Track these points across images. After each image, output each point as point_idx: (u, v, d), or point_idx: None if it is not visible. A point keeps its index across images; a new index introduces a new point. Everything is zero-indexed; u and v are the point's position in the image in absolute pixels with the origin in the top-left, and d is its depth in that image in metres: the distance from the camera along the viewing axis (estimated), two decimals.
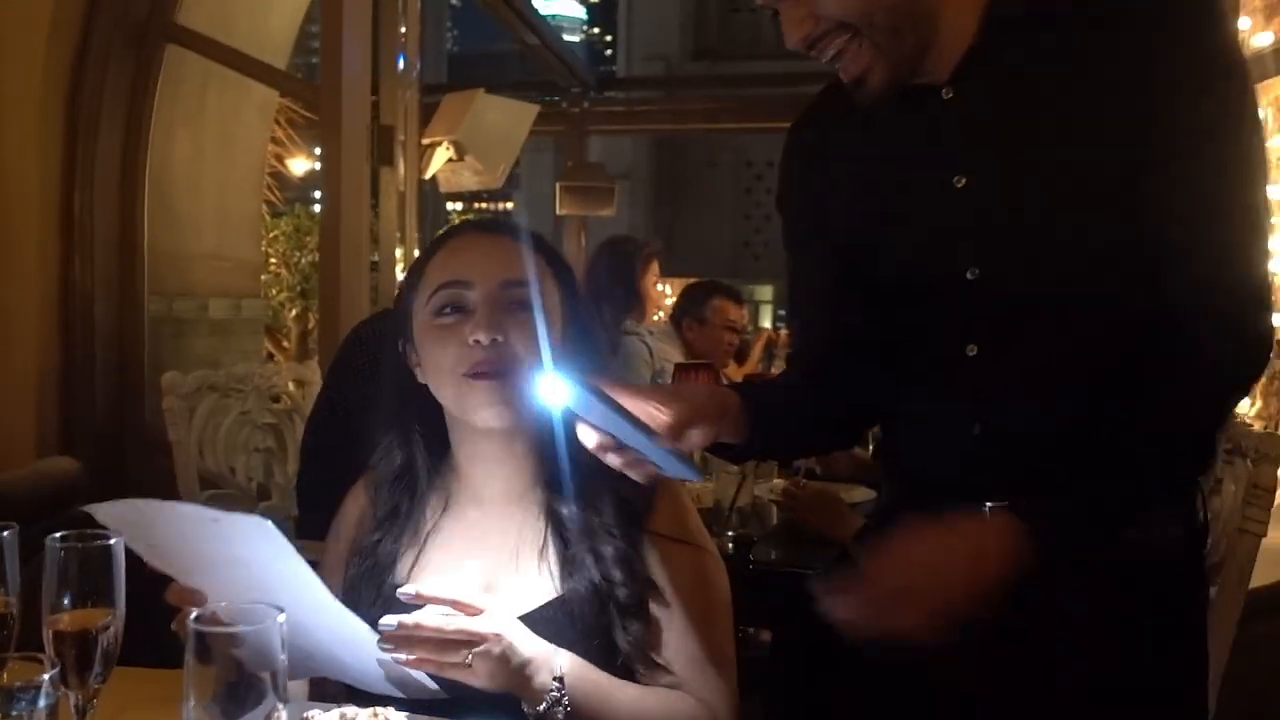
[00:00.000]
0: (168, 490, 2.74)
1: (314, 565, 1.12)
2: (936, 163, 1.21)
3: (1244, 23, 3.13)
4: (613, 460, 1.10)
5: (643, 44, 26.65)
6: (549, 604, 1.25)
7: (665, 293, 4.00)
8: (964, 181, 1.19)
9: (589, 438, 1.08)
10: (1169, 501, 1.22)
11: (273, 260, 6.47)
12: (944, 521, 1.08)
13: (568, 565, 1.24)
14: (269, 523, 1.05)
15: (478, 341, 1.23)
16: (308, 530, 2.14)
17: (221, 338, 4.17)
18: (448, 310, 1.27)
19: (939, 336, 1.25)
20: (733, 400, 1.20)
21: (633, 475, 1.10)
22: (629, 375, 3.46)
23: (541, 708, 1.13)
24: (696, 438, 1.12)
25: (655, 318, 4.04)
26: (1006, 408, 1.21)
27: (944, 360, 1.24)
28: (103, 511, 1.08)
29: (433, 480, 1.35)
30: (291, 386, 3.27)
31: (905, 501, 1.34)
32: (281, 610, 0.85)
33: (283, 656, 0.85)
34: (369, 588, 1.32)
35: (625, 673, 1.23)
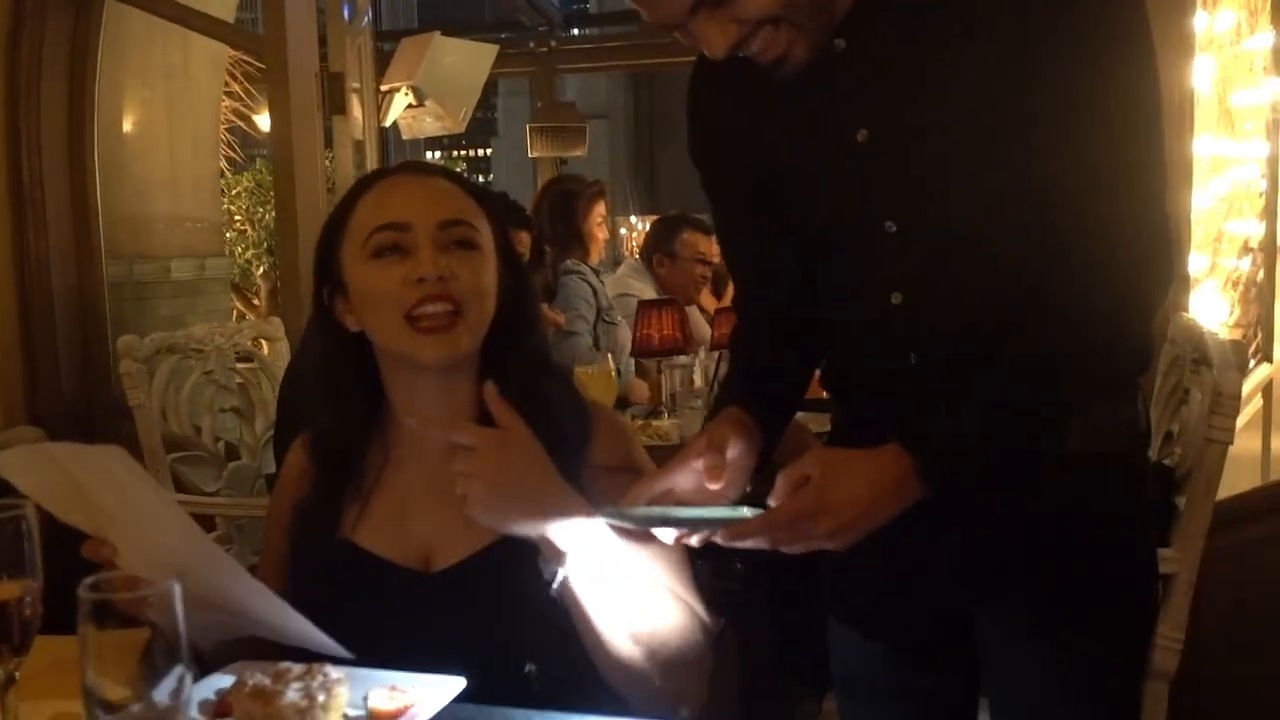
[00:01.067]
0: (134, 456, 2.71)
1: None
2: (838, 117, 1.22)
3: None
4: (695, 541, 1.16)
5: None
6: (493, 545, 1.23)
7: (608, 234, 4.04)
8: (865, 135, 1.20)
9: (667, 536, 1.16)
10: (1096, 409, 1.23)
11: (237, 217, 6.40)
12: (841, 460, 1.15)
13: None
14: (122, 450, 1.04)
15: (422, 279, 1.22)
16: None
17: (187, 298, 4.13)
18: (387, 251, 1.24)
19: (866, 286, 1.27)
20: (739, 414, 1.29)
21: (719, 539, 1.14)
22: (570, 313, 3.46)
23: (563, 566, 1.14)
24: (743, 460, 1.24)
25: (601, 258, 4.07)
26: (935, 343, 1.24)
27: (872, 307, 1.26)
28: (4, 464, 1.06)
29: (371, 433, 1.33)
30: (262, 345, 3.24)
31: (852, 426, 1.39)
32: (179, 569, 0.82)
33: (183, 620, 0.82)
34: (314, 545, 1.30)
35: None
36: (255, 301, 6.43)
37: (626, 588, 1.17)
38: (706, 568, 2.83)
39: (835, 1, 1.18)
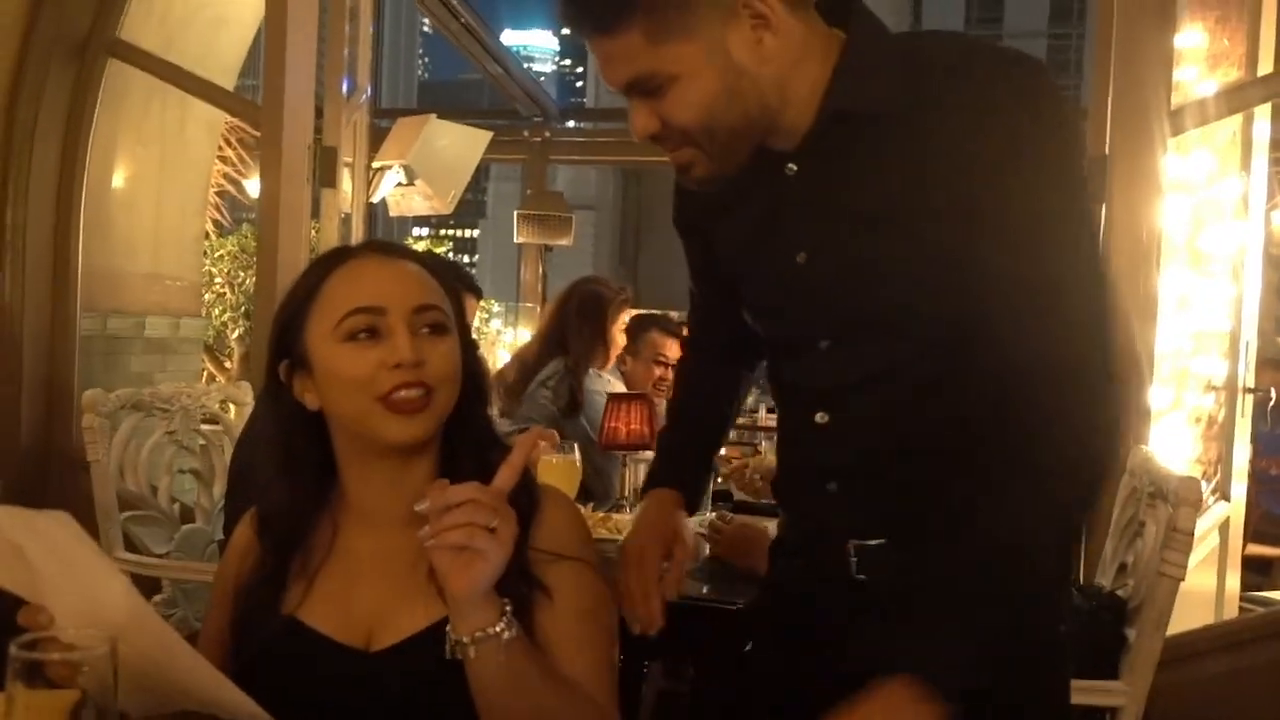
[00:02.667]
0: (85, 512, 2.68)
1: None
2: (782, 236, 1.26)
3: (1190, 73, 3.19)
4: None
5: None
6: (438, 623, 1.21)
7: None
8: (804, 257, 1.24)
9: None
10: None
11: (218, 280, 6.40)
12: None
13: None
14: (68, 516, 1.03)
15: (399, 365, 1.21)
16: None
17: (159, 356, 4.11)
18: (362, 335, 1.24)
19: (797, 400, 1.32)
20: (671, 498, 1.46)
21: None
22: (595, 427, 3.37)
23: (495, 629, 1.10)
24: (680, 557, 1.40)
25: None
26: (856, 468, 1.27)
27: (800, 423, 1.31)
28: None
29: (319, 511, 1.32)
30: (229, 409, 3.23)
31: (791, 531, 1.44)
32: (114, 637, 0.81)
33: (115, 684, 0.81)
34: (257, 621, 1.28)
35: None
36: (227, 365, 6.42)
37: (541, 668, 1.16)
38: (657, 667, 2.79)
39: (755, 144, 1.21)
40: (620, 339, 3.69)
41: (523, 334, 7.76)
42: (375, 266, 1.29)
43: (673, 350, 3.97)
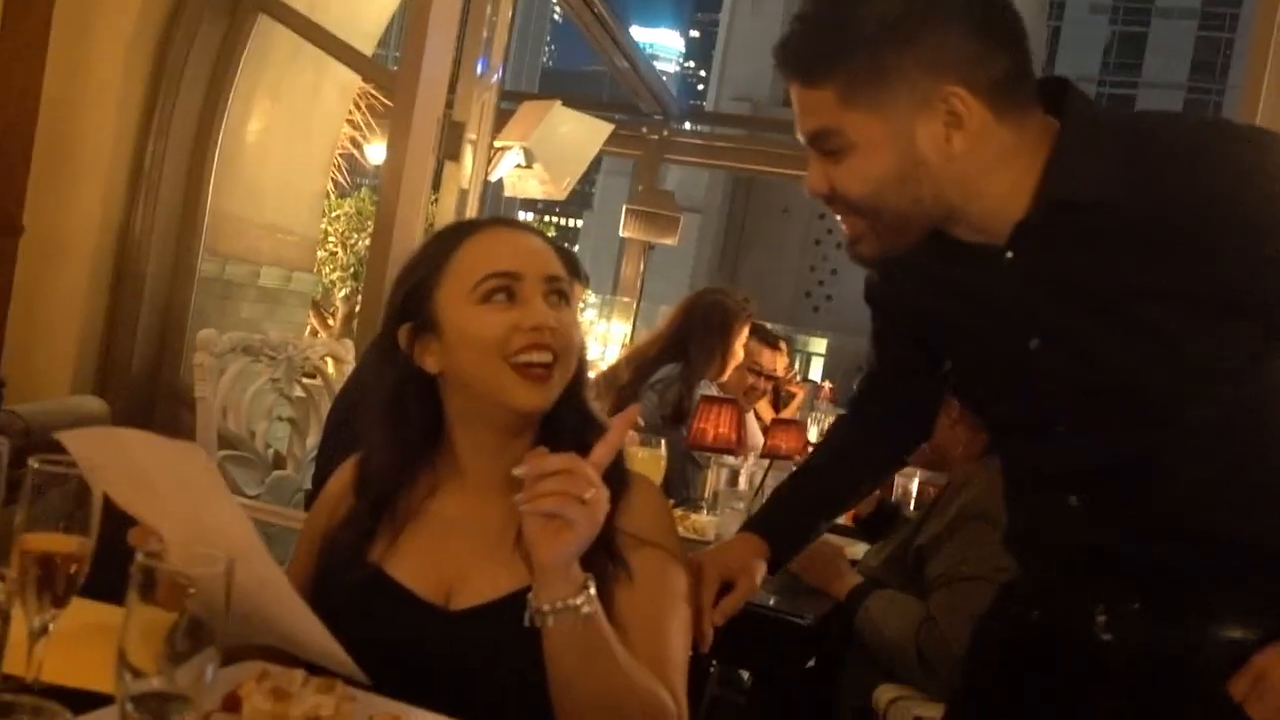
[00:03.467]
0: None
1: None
2: (1008, 322, 1.24)
3: None
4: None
5: (734, 83, 26.74)
6: (519, 592, 1.24)
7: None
8: (1037, 344, 1.22)
9: None
10: None
11: (331, 239, 6.56)
12: None
13: None
14: (200, 450, 1.06)
15: (535, 327, 1.25)
16: None
17: (268, 305, 4.23)
18: (498, 297, 1.28)
19: (1043, 479, 1.30)
20: (756, 546, 1.49)
21: None
22: None
23: (575, 601, 1.12)
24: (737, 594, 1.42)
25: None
26: (1114, 547, 1.25)
27: (1050, 505, 1.28)
28: (72, 439, 1.08)
29: (421, 470, 1.35)
30: (328, 363, 3.32)
31: (1026, 588, 1.40)
32: (232, 559, 0.85)
33: (225, 606, 0.85)
34: (343, 566, 1.32)
35: None
36: (330, 322, 6.57)
37: (616, 647, 1.17)
38: (714, 674, 2.79)
39: (926, 229, 1.22)
40: (739, 353, 3.64)
41: (616, 326, 7.81)
42: (508, 236, 1.33)
43: (767, 360, 3.95)
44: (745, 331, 3.61)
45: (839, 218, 1.25)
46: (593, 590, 1.13)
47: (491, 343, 1.26)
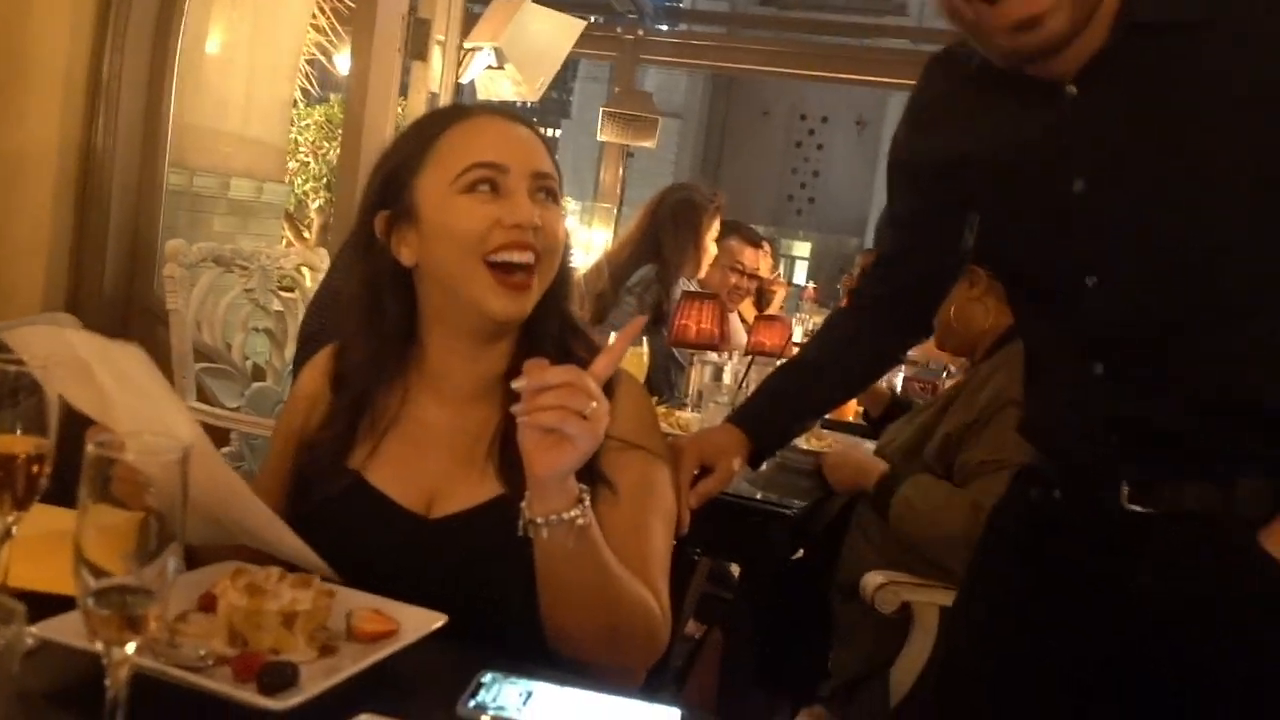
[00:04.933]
0: (161, 362, 2.74)
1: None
2: (1055, 163, 1.19)
3: None
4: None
5: None
6: (496, 500, 1.22)
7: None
8: (1082, 186, 1.17)
9: None
10: None
11: (302, 149, 6.44)
12: None
13: (516, 464, 1.21)
14: (140, 350, 1.03)
15: (517, 225, 1.20)
16: None
17: (240, 218, 4.15)
18: (482, 188, 1.22)
19: (1065, 345, 1.26)
20: (739, 440, 1.49)
21: None
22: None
23: (570, 514, 1.09)
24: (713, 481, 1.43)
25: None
26: (1142, 421, 1.21)
27: (1069, 370, 1.25)
28: (17, 337, 1.05)
29: (396, 372, 1.32)
30: (304, 274, 3.26)
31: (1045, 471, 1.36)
32: (189, 446, 0.82)
33: (183, 499, 0.82)
34: (322, 472, 1.29)
35: None
36: (305, 234, 6.48)
37: (606, 555, 1.15)
38: (701, 567, 2.82)
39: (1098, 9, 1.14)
40: (712, 248, 3.61)
41: (597, 233, 7.74)
42: (498, 125, 1.27)
43: (750, 259, 3.91)
44: (716, 224, 3.58)
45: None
46: (588, 502, 1.10)
47: (471, 236, 1.20)
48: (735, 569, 2.74)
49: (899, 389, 3.30)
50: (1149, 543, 1.20)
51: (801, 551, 2.50)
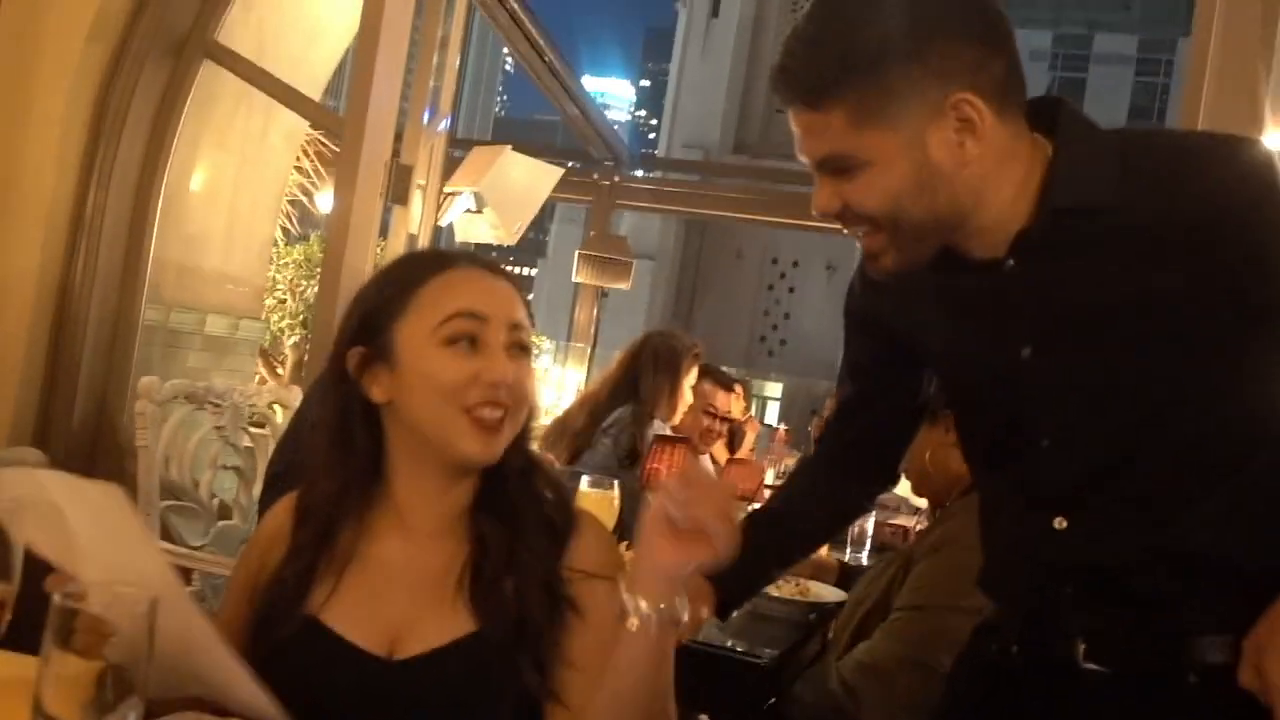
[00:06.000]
0: (129, 498, 2.71)
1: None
2: (1003, 332, 1.24)
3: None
4: None
5: (685, 131, 27.03)
6: (469, 636, 1.20)
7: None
8: (1029, 352, 1.21)
9: None
10: None
11: (280, 286, 6.50)
12: None
13: (488, 597, 1.20)
14: (118, 489, 1.02)
15: (495, 384, 1.22)
16: None
17: (215, 355, 4.16)
18: (463, 342, 1.24)
19: (1025, 500, 1.27)
20: (705, 592, 1.45)
21: None
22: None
23: (679, 601, 1.10)
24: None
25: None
26: (1099, 572, 1.22)
27: (1032, 526, 1.26)
28: None
29: (360, 508, 1.31)
30: (276, 411, 3.26)
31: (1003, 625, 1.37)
32: (155, 597, 0.81)
33: (151, 649, 0.81)
34: (279, 616, 1.27)
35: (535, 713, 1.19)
36: (279, 371, 6.49)
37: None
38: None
39: (945, 238, 1.21)
40: (689, 395, 3.64)
41: (570, 372, 7.79)
42: (479, 276, 1.29)
43: (722, 402, 3.94)
44: (694, 370, 3.62)
45: (856, 235, 1.23)
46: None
47: (449, 389, 1.22)
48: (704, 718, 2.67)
49: (868, 529, 3.28)
50: (1103, 702, 1.20)
51: (774, 700, 2.45)
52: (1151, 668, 1.18)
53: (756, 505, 2.24)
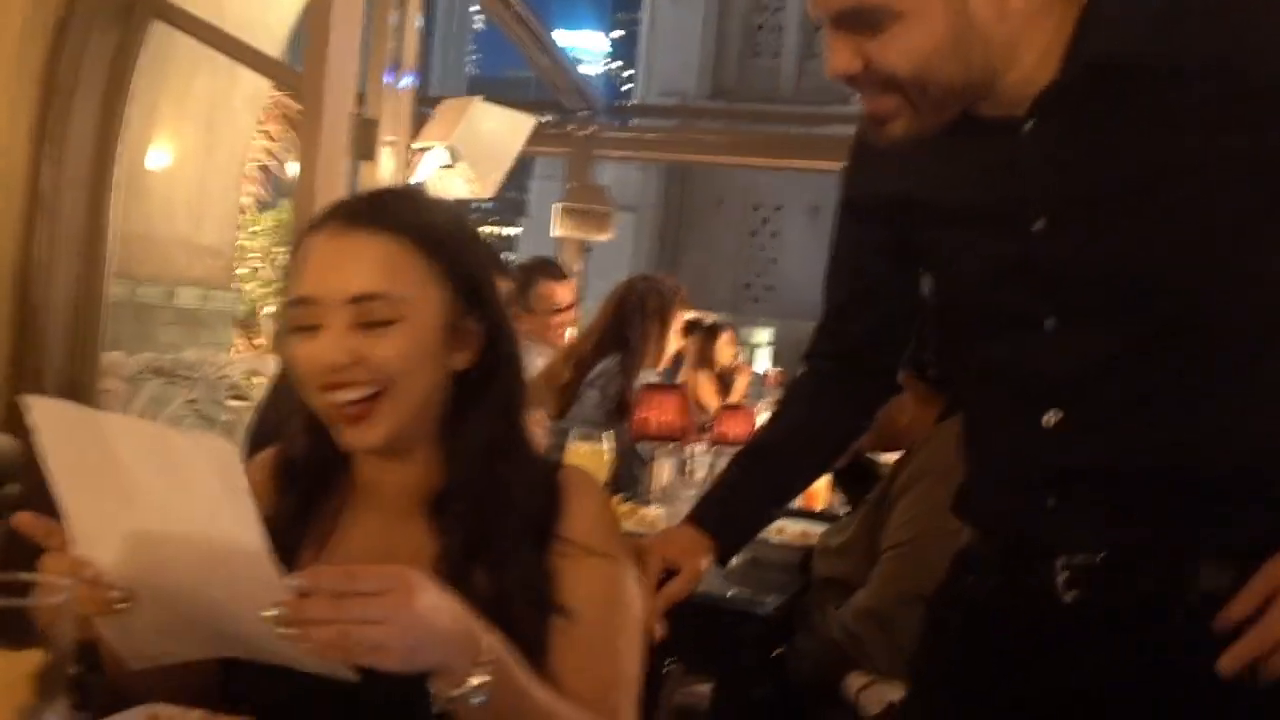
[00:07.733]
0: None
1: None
2: (1013, 202, 1.13)
3: None
4: None
5: (661, 79, 26.74)
6: None
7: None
8: (1043, 225, 1.11)
9: None
10: None
11: (254, 254, 6.39)
12: None
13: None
14: (231, 447, 0.90)
15: (327, 368, 1.10)
16: None
17: (188, 327, 4.06)
18: (301, 329, 1.12)
19: (1016, 392, 1.17)
20: (703, 545, 1.40)
21: None
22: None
23: (458, 692, 0.95)
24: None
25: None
26: (1083, 478, 1.13)
27: (1020, 423, 1.15)
28: (40, 408, 0.95)
29: (333, 476, 1.23)
30: (253, 380, 3.17)
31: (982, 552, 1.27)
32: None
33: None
34: None
35: None
36: (258, 342, 6.38)
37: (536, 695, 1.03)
38: (677, 671, 2.69)
39: (966, 104, 1.11)
40: (676, 339, 3.55)
41: None
42: (324, 243, 1.13)
43: (564, 295, 3.77)
44: (682, 315, 3.53)
45: (864, 100, 1.11)
46: (491, 658, 0.97)
47: (302, 381, 1.14)
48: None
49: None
50: (1086, 640, 1.12)
51: (779, 650, 2.39)
52: (1139, 599, 1.09)
53: None
